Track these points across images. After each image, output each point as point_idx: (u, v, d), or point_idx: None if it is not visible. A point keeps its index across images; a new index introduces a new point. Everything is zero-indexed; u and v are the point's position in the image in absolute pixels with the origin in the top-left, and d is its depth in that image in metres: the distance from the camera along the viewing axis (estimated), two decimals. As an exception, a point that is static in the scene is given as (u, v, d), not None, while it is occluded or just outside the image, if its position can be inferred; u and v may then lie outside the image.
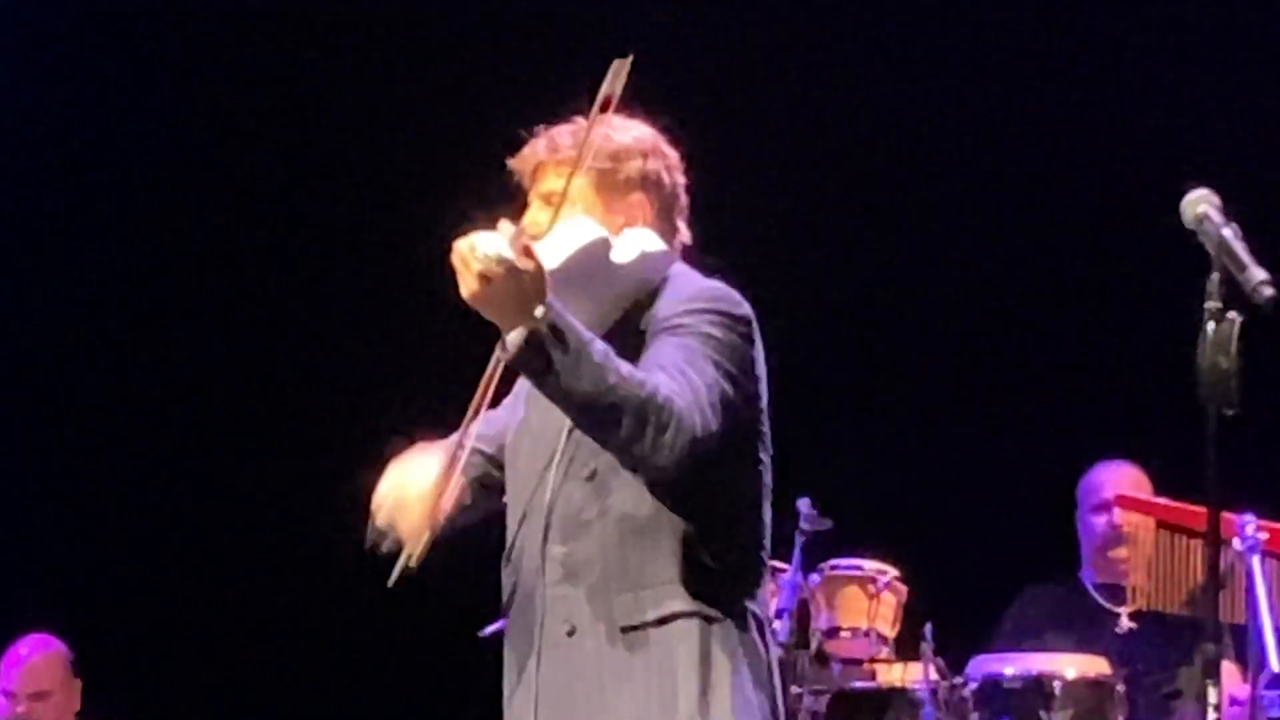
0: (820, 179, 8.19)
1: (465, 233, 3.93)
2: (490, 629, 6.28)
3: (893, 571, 6.68)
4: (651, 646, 4.12)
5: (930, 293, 8.33)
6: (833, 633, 6.65)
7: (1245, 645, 6.32)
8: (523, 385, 4.25)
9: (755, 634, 4.20)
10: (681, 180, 4.36)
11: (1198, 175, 4.11)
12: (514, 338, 3.93)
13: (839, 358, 7.83)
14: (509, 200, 4.26)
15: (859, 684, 6.66)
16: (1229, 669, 6.44)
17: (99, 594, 7.98)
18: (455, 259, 3.91)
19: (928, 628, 6.55)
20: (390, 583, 4.14)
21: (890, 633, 6.69)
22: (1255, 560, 6.31)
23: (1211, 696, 4.11)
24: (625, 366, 3.98)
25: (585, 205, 4.22)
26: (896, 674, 6.64)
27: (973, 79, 8.41)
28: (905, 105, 8.34)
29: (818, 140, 8.18)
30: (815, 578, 6.60)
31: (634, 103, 4.22)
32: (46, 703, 7.19)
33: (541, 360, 3.93)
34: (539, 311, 3.90)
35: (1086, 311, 8.09)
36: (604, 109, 4.12)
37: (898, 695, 6.60)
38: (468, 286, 3.90)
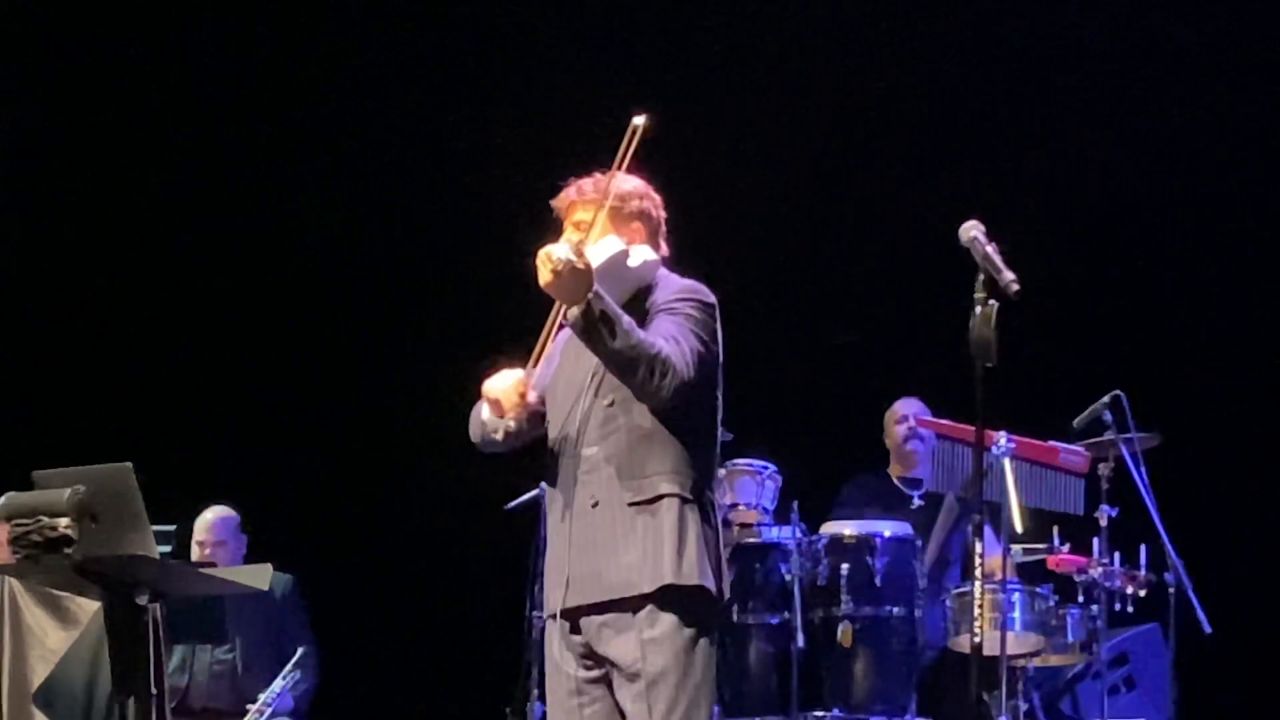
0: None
1: (541, 244, 4.05)
2: (513, 504, 6.31)
3: (773, 467, 6.63)
4: (648, 516, 4.16)
5: (794, 293, 8.29)
6: (734, 507, 6.57)
7: (998, 516, 6.44)
8: (555, 347, 4.32)
9: (711, 511, 4.25)
10: (663, 214, 4.43)
11: (973, 207, 4.20)
12: (574, 312, 4.04)
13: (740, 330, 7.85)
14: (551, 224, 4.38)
15: (750, 540, 6.55)
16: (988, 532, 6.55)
17: (261, 477, 7.87)
18: (538, 259, 4.03)
19: (795, 503, 6.56)
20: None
21: (771, 507, 6.62)
22: (1006, 462, 6.37)
23: (977, 548, 4.18)
24: (642, 333, 4.10)
25: (603, 229, 4.29)
26: (775, 534, 6.55)
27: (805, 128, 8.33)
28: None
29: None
30: (722, 471, 6.40)
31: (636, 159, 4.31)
32: (224, 548, 7.12)
33: (592, 326, 4.04)
34: (590, 295, 4.02)
35: (897, 300, 8.02)
36: (617, 168, 4.25)
37: (775, 548, 6.52)
38: (544, 278, 4.03)
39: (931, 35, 8.27)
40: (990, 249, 4.05)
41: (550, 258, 3.99)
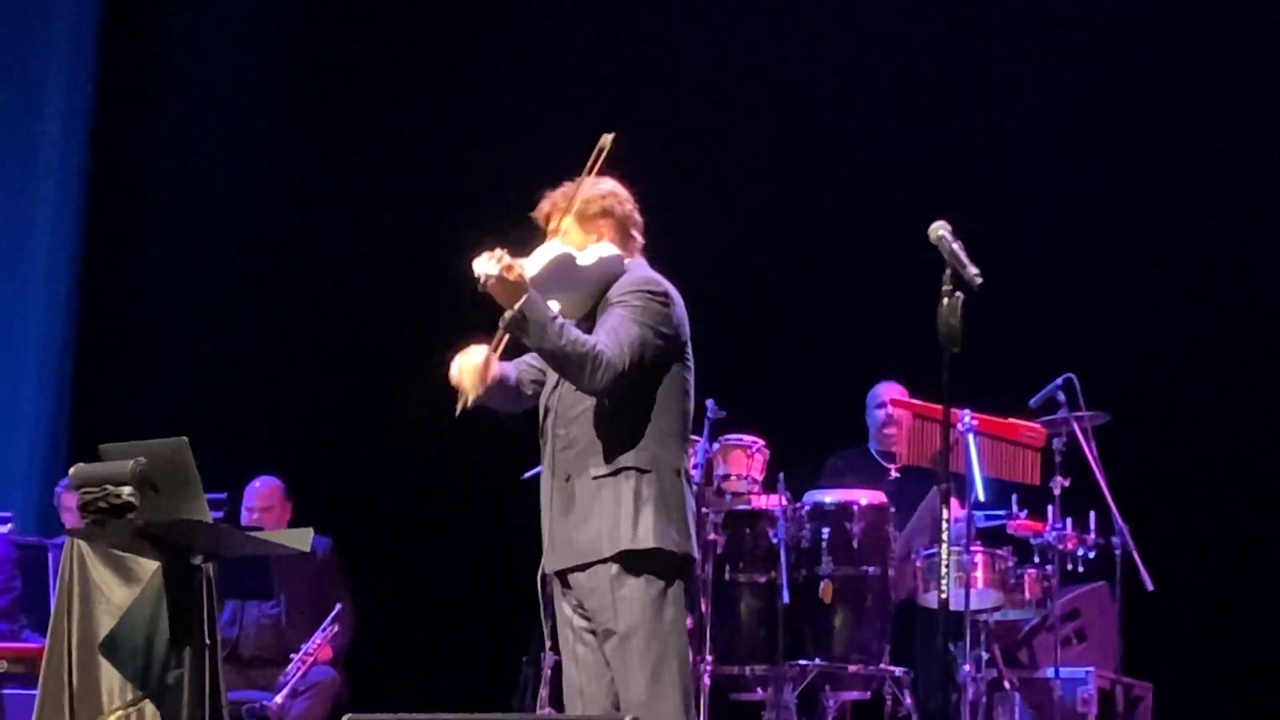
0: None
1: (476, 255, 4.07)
2: (529, 473, 6.32)
3: (761, 442, 6.59)
4: (610, 488, 4.17)
5: (782, 285, 8.23)
6: (726, 478, 6.53)
7: (964, 485, 6.44)
8: None
9: (680, 480, 4.22)
10: (631, 208, 4.37)
11: (942, 210, 4.19)
12: (508, 315, 4.06)
13: (728, 317, 7.82)
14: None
15: (741, 507, 6.52)
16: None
17: (304, 451, 7.85)
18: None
19: (781, 474, 6.55)
20: (455, 413, 4.22)
21: (760, 477, 6.59)
22: (970, 437, 6.39)
23: (944, 514, 4.20)
24: (575, 332, 4.09)
25: (577, 230, 4.28)
26: (763, 501, 6.55)
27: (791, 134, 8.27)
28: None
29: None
30: (716, 445, 6.51)
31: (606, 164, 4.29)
32: (270, 513, 7.10)
33: (522, 329, 4.06)
34: (519, 301, 4.02)
35: (875, 291, 7.99)
36: (586, 175, 4.25)
37: (764, 514, 6.52)
38: (481, 285, 4.05)
39: (911, 43, 8.24)
40: (956, 246, 4.06)
41: (478, 269, 4.03)
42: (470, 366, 4.20)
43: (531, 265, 4.14)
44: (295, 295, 8.53)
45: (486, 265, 4.04)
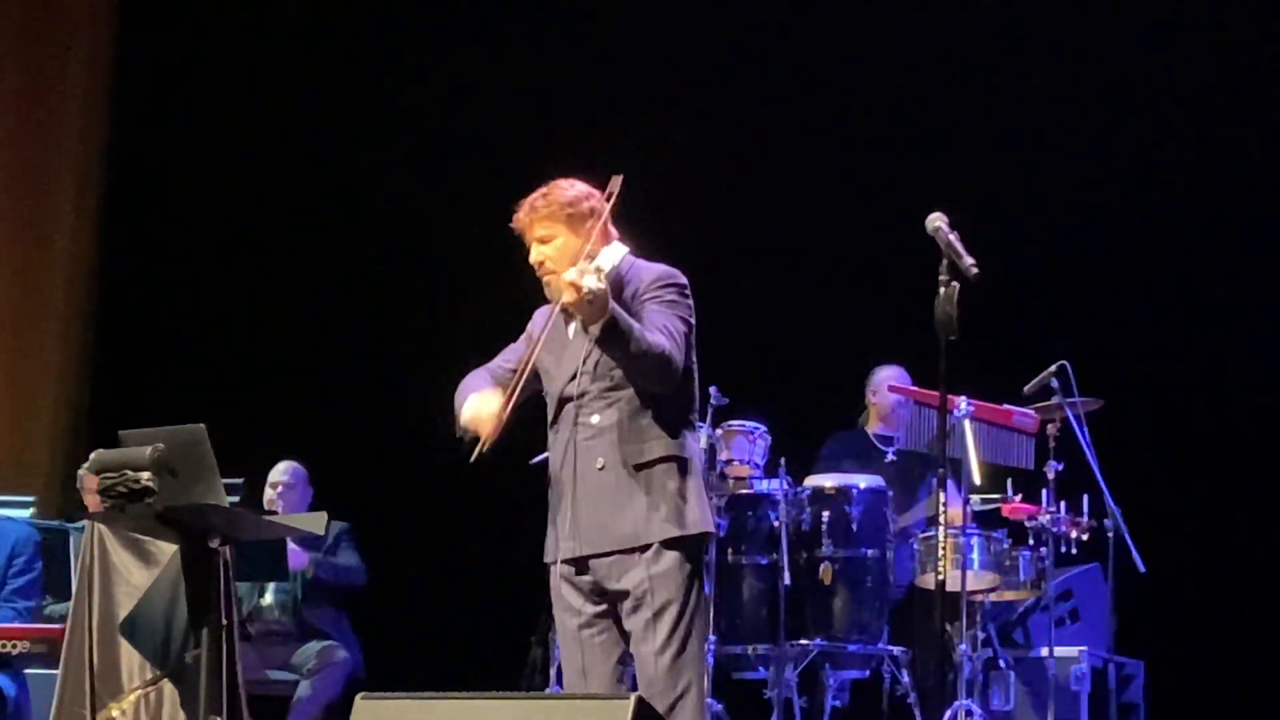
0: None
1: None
2: (535, 460, 6.31)
3: (763, 428, 6.61)
4: (650, 476, 4.15)
5: (783, 275, 8.21)
6: (729, 463, 6.55)
7: (960, 470, 6.43)
8: (545, 325, 4.25)
9: (696, 462, 4.23)
10: (606, 205, 4.27)
11: (939, 202, 4.18)
12: (597, 328, 4.02)
13: (730, 306, 7.78)
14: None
15: (743, 491, 6.55)
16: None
17: (318, 437, 7.79)
18: (567, 283, 3.95)
19: (782, 459, 6.55)
20: (470, 461, 4.17)
21: (762, 462, 6.59)
22: (966, 423, 6.38)
23: (940, 497, 4.21)
24: (650, 335, 4.05)
25: (566, 234, 4.22)
26: (765, 485, 6.56)
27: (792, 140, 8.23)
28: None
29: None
30: (719, 431, 6.51)
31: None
32: (292, 492, 7.10)
33: (614, 337, 4.01)
34: (607, 312, 3.97)
35: (878, 281, 7.91)
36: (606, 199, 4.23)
37: (765, 498, 6.53)
38: (571, 299, 3.96)
39: (909, 35, 8.20)
40: (952, 236, 4.04)
41: (582, 289, 3.93)
42: (488, 414, 4.15)
43: (604, 264, 4.09)
44: (314, 282, 8.50)
45: (594, 282, 3.93)
